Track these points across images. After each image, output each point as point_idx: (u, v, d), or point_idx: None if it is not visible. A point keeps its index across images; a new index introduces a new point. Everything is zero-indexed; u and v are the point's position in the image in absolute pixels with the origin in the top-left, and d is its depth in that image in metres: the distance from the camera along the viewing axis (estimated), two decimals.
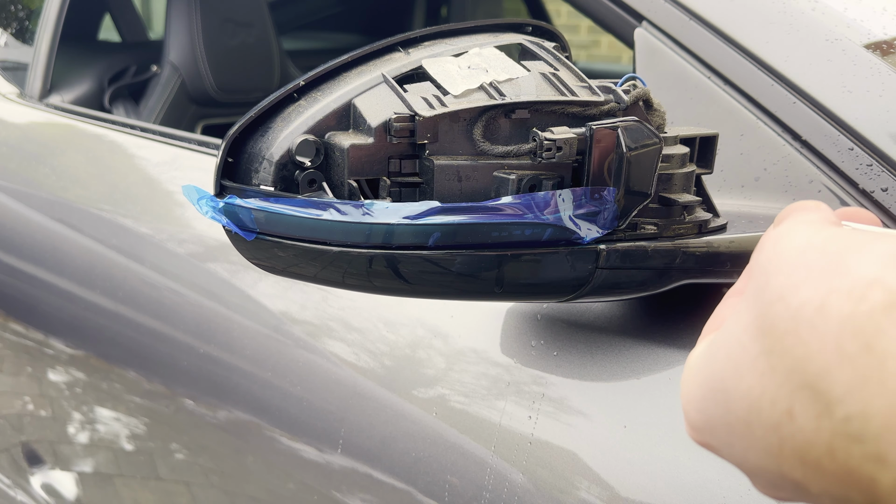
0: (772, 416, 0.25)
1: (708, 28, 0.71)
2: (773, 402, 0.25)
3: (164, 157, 1.15)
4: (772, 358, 0.25)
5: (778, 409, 0.25)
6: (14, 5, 1.75)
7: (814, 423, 0.23)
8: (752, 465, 0.28)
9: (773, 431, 0.25)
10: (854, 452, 0.22)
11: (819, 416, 0.23)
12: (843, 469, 0.23)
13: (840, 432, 0.22)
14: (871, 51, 0.66)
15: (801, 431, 0.24)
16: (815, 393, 0.23)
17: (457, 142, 0.50)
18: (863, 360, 0.21)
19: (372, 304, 0.80)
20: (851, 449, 0.22)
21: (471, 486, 0.66)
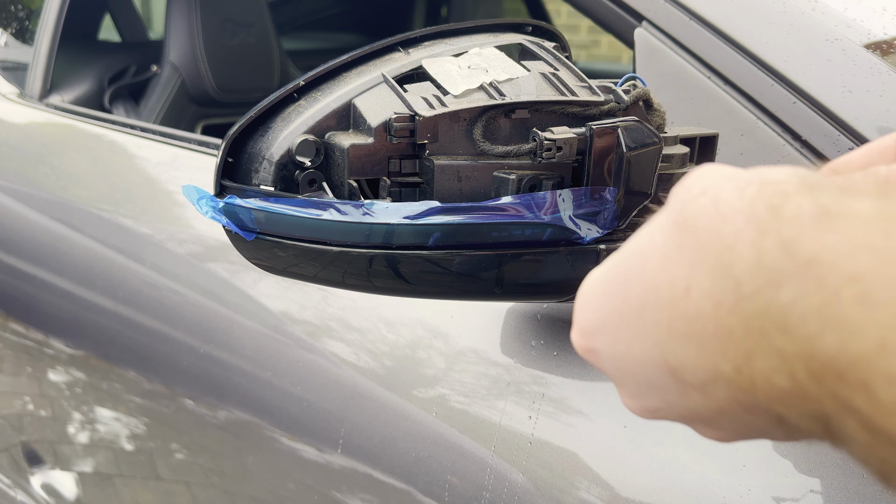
0: (669, 293, 0.26)
1: (708, 28, 0.71)
2: (671, 282, 0.26)
3: (164, 157, 1.15)
4: (680, 244, 0.26)
5: (676, 287, 0.26)
6: (14, 5, 1.75)
7: (712, 299, 0.25)
8: (634, 359, 0.29)
9: (667, 309, 0.26)
10: (754, 324, 0.23)
11: (720, 292, 0.24)
12: (734, 344, 0.24)
13: (739, 310, 0.24)
14: (871, 51, 0.66)
15: (695, 306, 0.25)
16: (719, 272, 0.25)
17: (457, 142, 0.50)
18: (761, 242, 0.23)
19: (372, 304, 0.80)
20: (751, 322, 0.24)
21: (471, 486, 0.66)
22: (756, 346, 0.23)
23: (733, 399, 0.26)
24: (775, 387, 0.23)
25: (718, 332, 0.25)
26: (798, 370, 0.22)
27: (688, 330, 0.26)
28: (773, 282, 0.23)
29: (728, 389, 0.26)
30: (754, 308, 0.23)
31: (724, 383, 0.25)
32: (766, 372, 0.23)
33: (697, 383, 0.27)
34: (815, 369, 0.22)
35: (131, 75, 1.84)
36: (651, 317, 0.27)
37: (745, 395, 0.25)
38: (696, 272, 0.25)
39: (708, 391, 0.27)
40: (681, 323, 0.26)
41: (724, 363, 0.25)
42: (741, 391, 0.25)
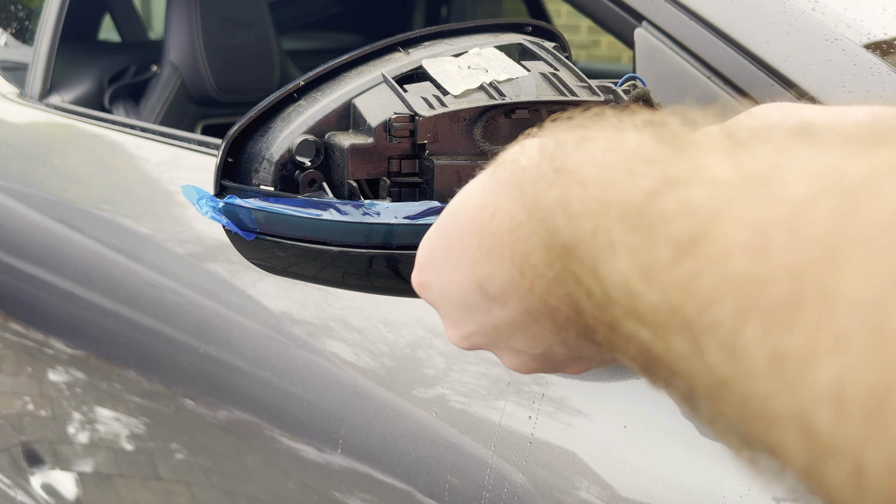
0: (482, 217, 0.32)
1: (708, 28, 0.71)
2: (484, 207, 0.32)
3: (164, 157, 1.15)
4: (493, 177, 0.33)
5: (487, 211, 0.32)
6: (14, 5, 1.75)
7: (509, 214, 0.31)
8: (454, 283, 0.35)
9: (479, 231, 0.33)
10: (530, 228, 0.29)
11: (514, 208, 0.30)
12: (519, 248, 0.30)
13: (522, 217, 0.30)
14: (871, 51, 0.66)
15: (498, 223, 0.31)
16: (515, 191, 0.31)
17: (457, 142, 0.50)
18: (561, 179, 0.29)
19: (372, 304, 0.80)
20: (527, 227, 0.29)
21: (471, 486, 0.66)
22: (531, 245, 0.29)
23: (523, 307, 0.32)
24: (544, 277, 0.29)
25: (511, 240, 0.31)
26: (553, 258, 0.28)
27: (492, 245, 0.32)
28: (542, 189, 0.29)
29: (518, 296, 0.32)
30: (529, 211, 0.29)
31: (515, 290, 0.31)
32: (539, 266, 0.29)
33: (498, 294, 0.33)
34: (560, 253, 0.27)
35: (131, 75, 1.84)
36: (468, 240, 0.34)
37: (529, 297, 0.31)
38: (501, 196, 0.32)
39: (506, 302, 0.33)
40: (488, 240, 0.32)
41: (513, 268, 0.31)
42: (526, 294, 0.31)
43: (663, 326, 0.23)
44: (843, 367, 0.18)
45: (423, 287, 0.38)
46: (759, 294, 0.20)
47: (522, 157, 0.32)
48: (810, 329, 0.19)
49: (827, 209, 0.20)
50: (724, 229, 0.21)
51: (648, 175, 0.25)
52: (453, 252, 0.35)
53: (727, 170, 0.23)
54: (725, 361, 0.21)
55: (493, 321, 0.35)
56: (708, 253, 0.22)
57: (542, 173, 0.29)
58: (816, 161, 0.21)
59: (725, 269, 0.21)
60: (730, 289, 0.21)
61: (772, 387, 0.20)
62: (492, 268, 0.32)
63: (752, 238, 0.21)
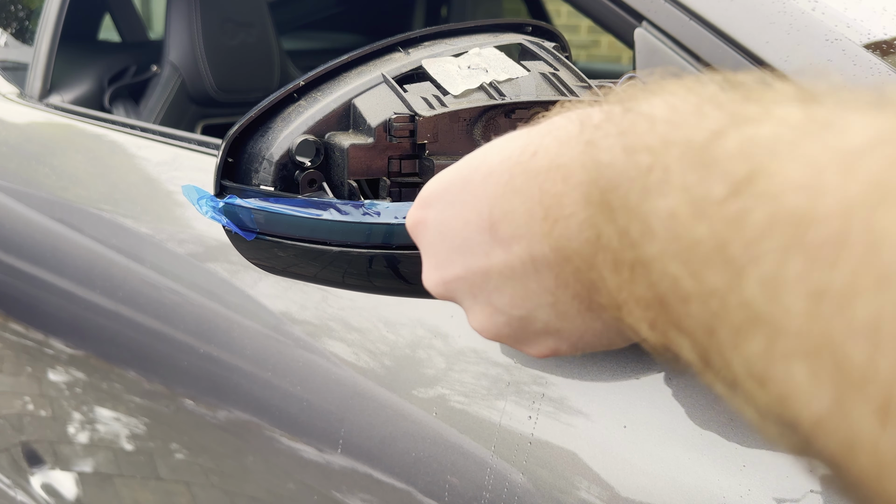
0: (520, 155, 0.33)
1: (708, 28, 0.71)
2: (525, 146, 0.33)
3: (164, 157, 1.15)
4: (545, 122, 0.33)
5: (527, 150, 0.32)
6: (14, 5, 1.75)
7: (549, 155, 0.31)
8: (459, 219, 0.35)
9: (512, 168, 0.33)
10: (575, 168, 0.30)
11: (557, 151, 0.31)
12: (554, 190, 0.30)
13: (569, 160, 0.30)
14: (871, 51, 0.66)
15: (537, 164, 0.32)
16: (562, 136, 0.31)
17: (457, 142, 0.50)
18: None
19: (372, 304, 0.80)
20: (573, 167, 0.30)
21: (471, 486, 0.66)
22: (570, 187, 0.29)
23: (528, 254, 0.32)
24: (572, 218, 0.29)
25: (545, 180, 0.31)
26: (593, 194, 0.28)
27: (522, 183, 0.32)
28: (603, 128, 0.29)
29: (528, 241, 0.32)
30: (580, 147, 0.29)
31: (528, 235, 0.32)
32: (570, 207, 0.29)
33: (508, 236, 0.33)
34: (603, 188, 0.28)
35: (131, 75, 1.84)
36: (496, 177, 0.33)
37: (542, 244, 0.31)
38: (548, 138, 0.32)
39: (511, 245, 0.33)
40: (520, 177, 0.32)
41: (538, 208, 0.31)
42: (540, 239, 0.31)
43: (703, 261, 0.23)
44: (884, 303, 0.18)
45: (418, 223, 0.38)
46: (806, 231, 0.20)
47: (586, 112, 0.32)
48: (853, 267, 0.19)
49: (882, 157, 0.20)
50: (782, 167, 0.22)
51: (717, 116, 0.25)
52: (471, 188, 0.35)
53: (794, 112, 0.23)
54: (763, 296, 0.21)
55: (487, 265, 0.34)
56: (762, 189, 0.22)
57: (610, 114, 0.29)
58: (880, 117, 0.22)
59: (777, 206, 0.21)
60: (779, 225, 0.21)
61: (807, 323, 0.20)
62: (513, 206, 0.32)
63: (808, 177, 0.21)
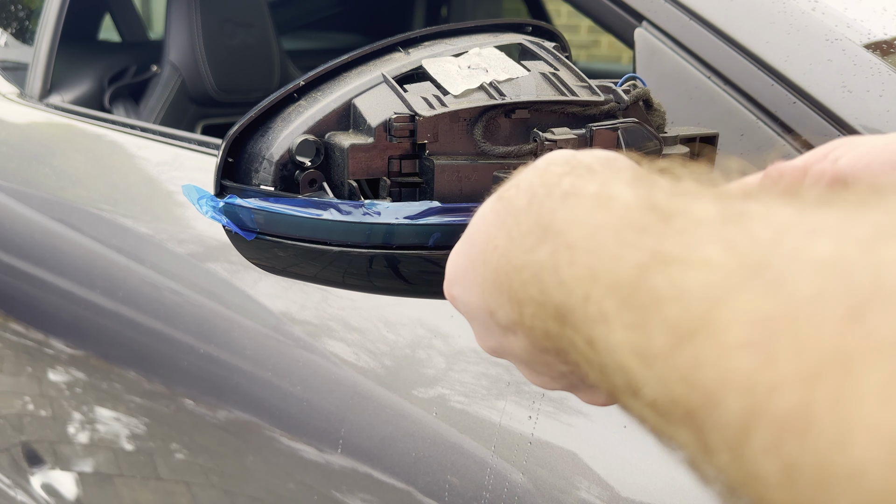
0: (486, 250, 0.33)
1: (708, 28, 0.71)
2: (488, 241, 0.33)
3: (164, 157, 1.15)
4: (494, 210, 0.33)
5: (490, 245, 0.32)
6: (14, 5, 1.75)
7: (505, 255, 0.31)
8: (473, 305, 0.35)
9: (485, 263, 0.33)
10: (524, 277, 0.29)
11: (509, 250, 0.31)
12: (513, 292, 0.30)
13: (515, 265, 0.29)
14: (871, 51, 0.66)
15: (496, 260, 0.31)
16: (510, 234, 0.31)
17: (457, 142, 0.50)
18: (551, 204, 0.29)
19: (372, 304, 0.80)
20: (522, 276, 0.29)
21: (471, 486, 0.66)
22: (525, 296, 0.29)
23: (527, 340, 0.32)
24: (538, 328, 0.28)
25: (508, 282, 0.30)
26: (546, 315, 0.27)
27: (494, 280, 0.32)
28: (530, 245, 0.28)
29: (522, 330, 0.31)
30: (522, 264, 0.29)
31: (518, 325, 0.31)
32: (531, 316, 0.29)
33: (507, 325, 0.33)
34: (554, 313, 0.27)
35: (131, 75, 1.84)
36: (479, 269, 0.34)
37: (530, 335, 0.30)
38: (500, 233, 0.32)
39: (514, 332, 0.33)
40: (491, 275, 0.32)
41: (513, 309, 0.31)
42: (527, 332, 0.30)
43: (665, 414, 0.22)
44: (861, 498, 0.17)
45: (452, 300, 0.39)
46: (767, 399, 0.19)
47: (517, 196, 0.31)
48: (825, 448, 0.18)
49: (835, 312, 0.18)
50: (724, 321, 0.20)
51: (638, 246, 0.24)
52: (469, 276, 0.35)
53: (721, 252, 0.22)
54: (734, 464, 0.20)
55: (509, 345, 0.34)
56: (707, 345, 0.20)
57: (530, 227, 0.29)
58: (817, 248, 0.20)
59: (728, 366, 0.20)
60: (734, 388, 0.20)
61: (787, 497, 0.19)
62: (497, 300, 0.32)
63: (755, 335, 0.20)
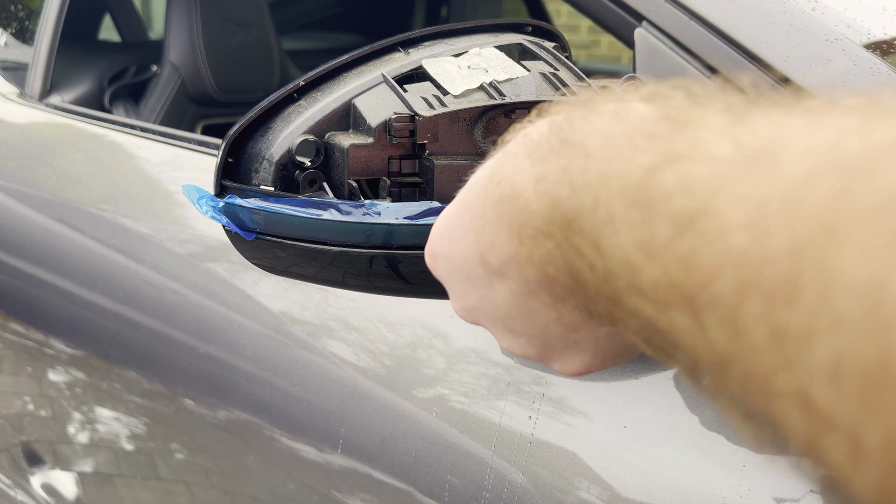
0: (486, 186, 0.33)
1: (708, 28, 0.71)
2: (490, 177, 0.33)
3: (164, 157, 1.15)
4: (501, 151, 0.34)
5: (492, 181, 0.33)
6: (14, 5, 1.75)
7: (509, 182, 0.31)
8: (459, 255, 0.36)
9: (482, 200, 0.33)
10: (530, 197, 0.30)
11: (517, 177, 0.31)
12: (517, 217, 0.31)
13: (524, 187, 0.30)
14: (871, 51, 0.66)
15: (499, 191, 0.32)
16: (519, 161, 0.31)
17: (457, 142, 0.50)
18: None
19: (372, 304, 0.80)
20: (528, 196, 0.30)
21: (471, 486, 0.66)
22: (530, 214, 0.30)
23: (521, 278, 0.32)
24: (542, 248, 0.29)
25: (511, 208, 0.31)
26: (554, 228, 0.28)
27: (494, 213, 0.33)
28: (549, 161, 0.29)
29: (517, 267, 0.32)
30: (534, 181, 0.30)
31: (514, 259, 0.32)
32: (538, 236, 0.29)
33: (498, 265, 0.33)
34: (561, 224, 0.28)
35: (131, 75, 1.84)
36: (474, 209, 0.34)
37: (527, 267, 0.31)
38: (507, 166, 0.32)
39: (505, 273, 0.33)
40: (491, 208, 0.33)
41: (512, 236, 0.31)
42: (524, 264, 0.31)
43: (665, 302, 0.23)
44: (841, 346, 0.18)
45: (432, 259, 0.39)
46: (758, 272, 0.20)
47: (533, 129, 0.32)
48: (809, 308, 0.19)
49: (825, 188, 0.20)
50: (724, 206, 0.22)
51: (650, 150, 0.25)
52: (461, 223, 0.36)
53: (727, 146, 0.23)
54: (727, 337, 0.21)
55: (493, 296, 0.35)
56: (707, 229, 0.22)
57: (551, 147, 0.30)
58: (815, 137, 0.21)
59: (725, 246, 0.21)
60: (729, 265, 0.21)
61: (773, 363, 0.20)
62: (493, 236, 0.33)
63: (751, 215, 0.21)
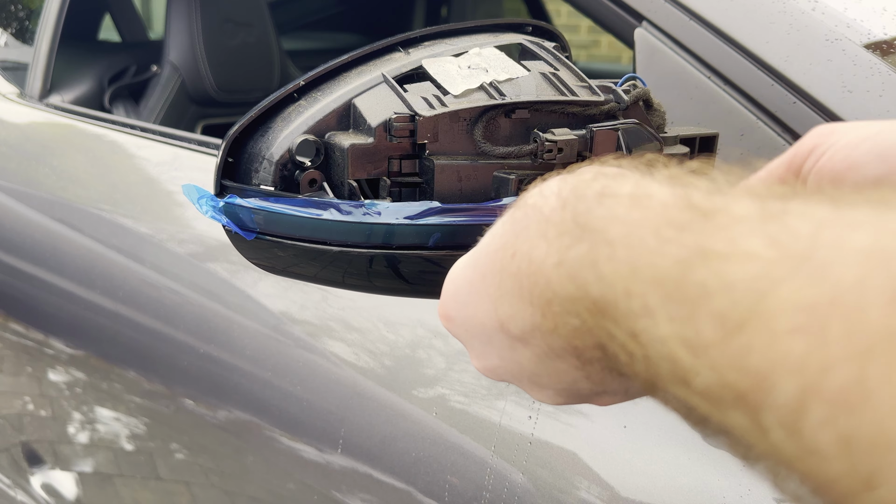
0: (502, 258, 0.33)
1: (708, 28, 0.71)
2: (504, 248, 0.33)
3: (164, 157, 1.15)
4: (512, 220, 0.33)
5: (507, 252, 0.33)
6: (14, 5, 1.75)
7: (527, 258, 0.31)
8: (477, 320, 0.35)
9: (499, 272, 0.33)
10: (553, 276, 0.29)
11: (534, 253, 0.31)
12: (539, 293, 0.30)
13: (544, 265, 0.30)
14: (871, 51, 0.66)
15: (517, 265, 0.32)
16: (535, 238, 0.31)
17: (457, 142, 0.50)
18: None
19: (372, 304, 0.80)
20: (551, 275, 0.30)
21: (471, 486, 0.66)
22: (553, 294, 0.29)
23: (546, 345, 0.32)
24: (568, 325, 0.29)
25: (530, 284, 0.31)
26: (581, 309, 0.28)
27: (511, 286, 0.32)
28: (565, 244, 0.29)
29: (541, 336, 0.32)
30: (553, 263, 0.29)
31: (537, 330, 0.32)
32: (562, 314, 0.29)
33: (520, 334, 0.33)
34: (589, 308, 0.27)
35: (131, 75, 1.84)
36: (489, 280, 0.34)
37: (552, 337, 0.31)
38: (520, 239, 0.32)
39: (528, 340, 0.33)
40: (508, 281, 0.33)
41: (534, 311, 0.31)
42: (549, 334, 0.31)
43: (717, 399, 0.22)
44: None
45: (446, 320, 0.39)
46: (820, 378, 0.20)
47: (544, 204, 0.31)
48: (881, 417, 0.19)
49: (878, 296, 0.19)
50: (772, 310, 0.21)
51: (679, 242, 0.24)
52: (475, 290, 0.35)
53: (762, 244, 0.22)
54: (790, 441, 0.21)
55: (517, 358, 0.34)
56: (758, 333, 0.21)
57: (565, 227, 0.29)
58: (854, 240, 0.21)
59: (780, 352, 0.21)
60: (788, 371, 0.20)
61: (844, 468, 0.19)
62: (513, 308, 0.32)
63: (804, 321, 0.20)
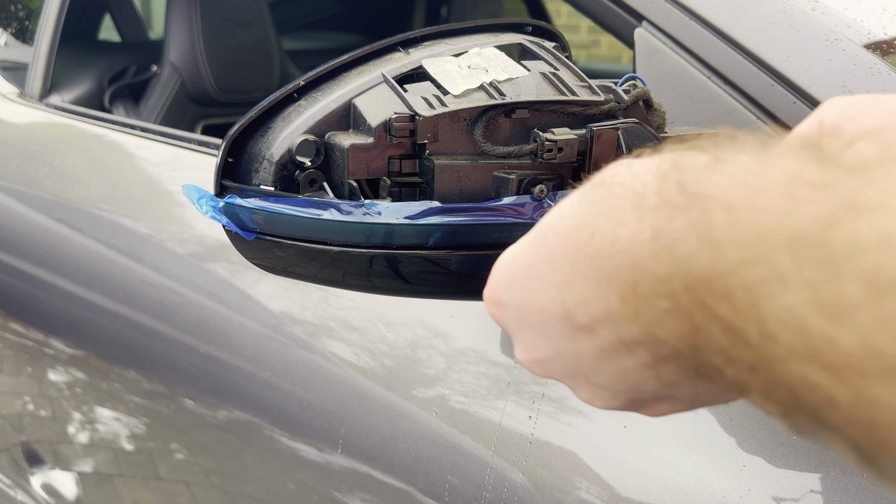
0: (577, 239, 0.30)
1: (708, 28, 0.71)
2: (580, 228, 0.30)
3: (164, 157, 1.15)
4: (593, 199, 0.31)
5: (583, 233, 0.30)
6: (14, 5, 1.75)
7: (609, 238, 0.29)
8: (535, 306, 0.33)
9: (573, 253, 0.31)
10: (645, 253, 0.27)
11: (620, 232, 0.29)
12: (623, 275, 0.28)
13: (634, 243, 0.28)
14: (871, 51, 0.66)
15: (596, 246, 0.29)
16: (624, 216, 0.29)
17: (457, 142, 0.50)
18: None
19: (372, 304, 0.80)
20: (642, 251, 0.27)
21: (471, 486, 0.66)
22: (643, 274, 0.27)
23: (616, 336, 0.30)
24: (655, 308, 0.27)
25: (612, 266, 0.28)
26: (677, 287, 0.25)
27: (587, 269, 0.30)
28: (667, 215, 0.26)
29: (613, 325, 0.29)
30: (646, 238, 0.27)
31: (610, 319, 0.29)
32: (650, 296, 0.27)
33: (588, 322, 0.30)
34: (689, 284, 0.25)
35: (131, 75, 1.84)
36: (558, 262, 0.31)
37: (628, 326, 0.28)
38: (602, 219, 0.29)
39: (595, 331, 0.30)
40: (583, 263, 0.30)
41: (612, 296, 0.29)
42: (625, 322, 0.28)
43: (857, 370, 0.21)
44: None
45: (496, 306, 0.36)
46: None
47: (635, 180, 0.29)
48: None
49: None
50: None
51: (819, 201, 0.22)
52: (538, 274, 0.33)
53: None
54: None
55: (576, 351, 0.32)
56: None
57: (667, 197, 0.27)
58: None
59: None
60: None
61: None
62: (585, 293, 0.30)
63: None
